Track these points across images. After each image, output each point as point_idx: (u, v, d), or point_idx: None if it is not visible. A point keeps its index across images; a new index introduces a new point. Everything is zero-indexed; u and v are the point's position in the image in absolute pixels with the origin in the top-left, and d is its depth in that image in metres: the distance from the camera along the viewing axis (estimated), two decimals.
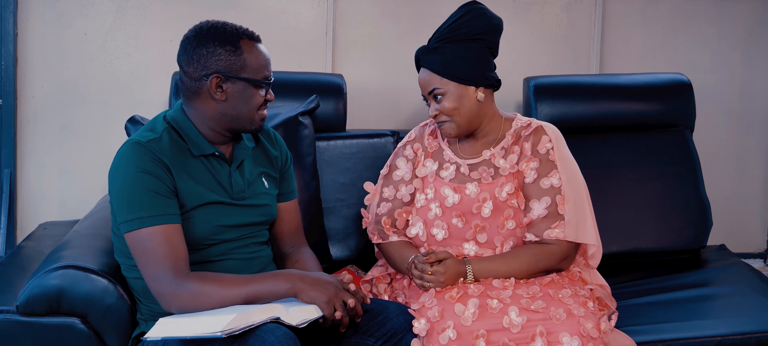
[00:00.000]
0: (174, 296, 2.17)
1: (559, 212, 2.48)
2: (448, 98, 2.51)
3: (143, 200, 2.19)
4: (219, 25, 2.31)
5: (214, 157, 2.33)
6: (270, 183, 2.46)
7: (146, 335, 2.14)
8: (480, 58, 2.52)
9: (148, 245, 2.18)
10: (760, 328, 2.62)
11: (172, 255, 2.18)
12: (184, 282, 2.17)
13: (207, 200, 2.29)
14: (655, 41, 3.78)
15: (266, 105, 2.35)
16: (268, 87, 2.33)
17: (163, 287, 2.17)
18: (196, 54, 2.27)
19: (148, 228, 2.18)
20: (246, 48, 2.28)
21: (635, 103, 3.33)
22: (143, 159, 2.21)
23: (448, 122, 2.54)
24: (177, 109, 2.36)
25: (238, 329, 2.05)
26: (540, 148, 2.53)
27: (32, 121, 3.36)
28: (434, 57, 2.53)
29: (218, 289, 2.17)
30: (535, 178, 2.51)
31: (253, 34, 2.33)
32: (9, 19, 3.28)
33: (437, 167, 2.62)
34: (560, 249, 2.49)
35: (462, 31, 2.51)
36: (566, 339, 2.27)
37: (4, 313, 2.31)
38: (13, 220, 3.39)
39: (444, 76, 2.51)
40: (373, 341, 2.28)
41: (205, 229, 2.28)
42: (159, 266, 2.17)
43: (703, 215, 3.24)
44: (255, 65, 2.29)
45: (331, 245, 3.03)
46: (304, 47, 3.51)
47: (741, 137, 3.91)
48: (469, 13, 2.53)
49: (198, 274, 2.20)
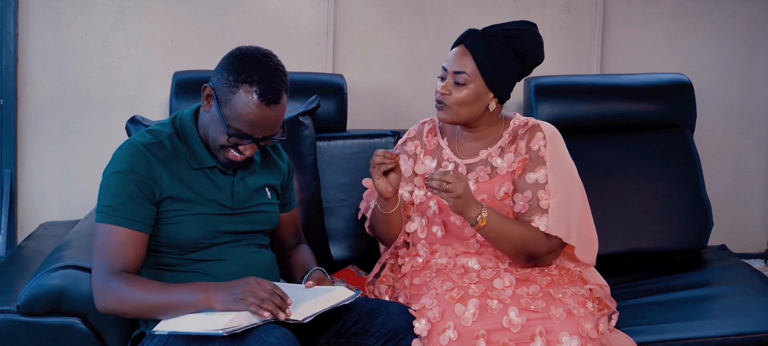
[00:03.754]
0: (100, 292, 2.18)
1: (541, 205, 2.48)
2: (467, 90, 2.50)
3: (117, 198, 2.19)
4: (249, 56, 2.21)
5: (217, 169, 2.32)
6: (273, 194, 2.45)
7: (154, 329, 2.14)
8: (513, 75, 2.53)
9: (102, 239, 2.19)
10: (761, 328, 2.63)
11: (115, 256, 2.18)
12: (110, 279, 2.17)
13: (201, 211, 2.28)
14: (656, 41, 3.78)
15: (238, 154, 2.25)
16: (237, 140, 2.21)
17: (94, 282, 2.19)
18: (221, 63, 2.25)
19: (109, 224, 2.19)
20: (242, 92, 2.17)
21: (636, 103, 3.33)
22: (133, 161, 2.21)
23: (449, 108, 2.52)
24: (190, 113, 2.35)
25: (240, 327, 2.05)
26: (533, 145, 2.54)
27: (33, 121, 3.36)
28: (483, 47, 2.50)
29: (135, 292, 2.15)
30: (521, 173, 2.52)
31: (266, 94, 2.17)
32: (10, 19, 3.28)
33: (436, 165, 2.62)
34: (548, 240, 2.48)
35: (515, 42, 2.50)
36: (566, 339, 2.27)
37: (5, 313, 2.31)
38: (13, 220, 3.39)
39: (480, 70, 2.49)
40: (374, 341, 2.28)
41: (198, 233, 2.26)
42: (99, 262, 2.19)
43: (704, 215, 3.24)
44: (236, 112, 2.18)
45: (332, 245, 3.03)
46: (305, 47, 3.51)
47: (741, 137, 3.91)
48: (529, 32, 2.53)
49: (124, 275, 2.19)
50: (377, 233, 2.65)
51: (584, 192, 2.59)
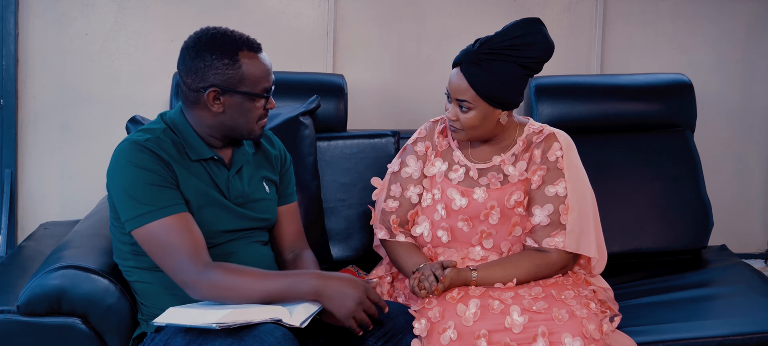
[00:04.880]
0: (197, 284, 2.15)
1: (561, 221, 2.47)
2: (473, 113, 2.45)
3: (146, 195, 2.17)
4: (218, 34, 2.25)
5: (213, 161, 2.32)
6: (271, 187, 2.45)
7: (154, 320, 2.13)
8: (520, 84, 2.44)
9: (162, 237, 2.16)
10: (761, 328, 2.62)
11: (189, 243, 2.16)
12: (205, 271, 2.15)
13: (206, 201, 2.27)
14: (656, 41, 3.78)
15: (267, 113, 2.32)
16: (267, 97, 2.30)
17: (185, 277, 2.15)
18: (194, 65, 2.24)
19: (157, 221, 2.16)
20: (244, 60, 2.24)
21: (636, 103, 3.33)
22: (140, 156, 2.20)
23: (462, 132, 2.50)
24: (177, 112, 2.34)
25: (234, 323, 2.05)
26: (550, 155, 2.51)
27: (33, 121, 3.36)
28: (477, 71, 2.41)
29: (239, 280, 2.15)
30: (541, 184, 2.50)
31: (253, 43, 2.28)
32: (10, 19, 3.28)
33: (446, 168, 2.60)
34: (558, 258, 2.48)
35: (515, 53, 2.40)
36: (568, 340, 2.26)
37: (5, 313, 2.31)
38: (13, 220, 3.39)
39: (479, 95, 2.42)
40: (374, 340, 2.27)
41: (203, 232, 2.25)
42: (177, 257, 2.15)
43: (704, 215, 3.24)
44: (253, 78, 2.25)
45: (332, 245, 3.03)
46: (305, 47, 3.51)
47: (742, 137, 3.90)
48: (530, 36, 2.40)
49: (220, 264, 2.18)
50: (392, 260, 2.62)
51: (596, 203, 2.58)
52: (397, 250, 2.58)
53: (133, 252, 2.28)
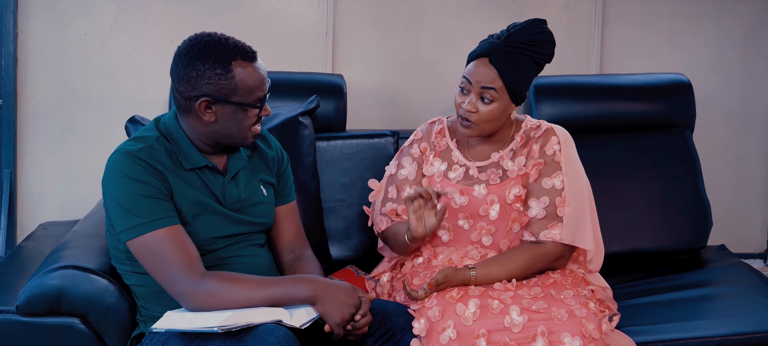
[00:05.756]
0: (193, 296, 2.15)
1: (557, 213, 2.48)
2: (494, 105, 2.46)
3: (139, 207, 2.16)
4: (212, 42, 2.21)
5: (207, 169, 2.30)
6: (269, 190, 2.44)
7: (153, 326, 2.13)
8: (531, 79, 2.51)
9: (156, 249, 2.15)
10: (760, 328, 2.62)
11: (183, 255, 2.16)
12: (201, 281, 2.15)
13: (202, 209, 2.26)
14: (656, 41, 3.78)
15: (261, 120, 2.29)
16: (261, 107, 2.26)
17: (181, 288, 2.15)
18: (186, 74, 2.21)
19: (150, 233, 2.16)
20: (238, 69, 2.19)
21: (635, 103, 3.33)
22: (133, 167, 2.18)
23: (476, 126, 2.49)
24: (171, 117, 2.32)
25: (236, 326, 2.05)
26: (547, 149, 2.52)
27: (32, 121, 3.36)
28: (508, 62, 2.44)
29: (236, 289, 2.15)
30: (537, 177, 2.51)
31: (248, 52, 2.23)
32: (9, 19, 3.28)
33: (446, 168, 2.60)
34: (555, 249, 2.48)
35: (535, 49, 2.46)
36: (567, 340, 2.26)
37: (4, 313, 2.31)
38: (13, 220, 3.39)
39: (507, 86, 2.44)
40: (373, 340, 2.27)
41: (199, 239, 2.25)
42: (172, 269, 2.15)
43: (703, 215, 3.24)
44: (247, 87, 2.21)
45: (332, 245, 3.03)
46: (304, 47, 3.51)
47: (741, 137, 3.90)
48: (544, 34, 2.48)
49: (215, 273, 2.18)
50: (391, 249, 2.62)
51: (593, 198, 2.59)
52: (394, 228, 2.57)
53: (129, 257, 2.27)
